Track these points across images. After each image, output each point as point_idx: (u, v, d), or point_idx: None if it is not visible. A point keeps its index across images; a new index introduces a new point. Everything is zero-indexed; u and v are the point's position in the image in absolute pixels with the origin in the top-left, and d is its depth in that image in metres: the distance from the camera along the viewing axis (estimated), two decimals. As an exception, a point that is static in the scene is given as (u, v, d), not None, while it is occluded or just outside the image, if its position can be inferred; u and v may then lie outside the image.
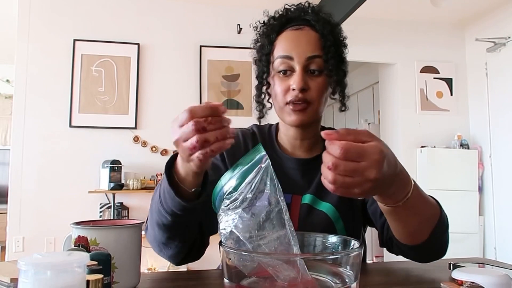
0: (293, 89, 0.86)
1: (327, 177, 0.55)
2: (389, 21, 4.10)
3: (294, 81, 0.85)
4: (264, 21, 0.96)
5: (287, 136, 0.97)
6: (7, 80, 5.33)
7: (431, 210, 0.74)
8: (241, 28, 3.72)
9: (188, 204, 0.67)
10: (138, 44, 3.58)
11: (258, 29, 0.96)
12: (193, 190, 0.69)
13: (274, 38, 0.91)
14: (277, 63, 0.88)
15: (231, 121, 0.60)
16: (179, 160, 0.67)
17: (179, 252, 0.79)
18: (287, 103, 0.88)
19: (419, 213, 0.71)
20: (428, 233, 0.74)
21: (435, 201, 0.77)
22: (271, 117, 1.01)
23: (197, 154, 0.59)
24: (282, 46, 0.89)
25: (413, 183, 0.65)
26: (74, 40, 3.46)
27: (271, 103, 0.97)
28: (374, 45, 4.03)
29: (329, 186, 0.55)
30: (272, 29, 0.92)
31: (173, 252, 0.79)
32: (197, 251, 0.83)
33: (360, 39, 3.90)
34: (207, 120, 0.58)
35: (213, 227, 0.87)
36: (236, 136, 0.97)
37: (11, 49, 3.65)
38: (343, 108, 0.97)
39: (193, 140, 0.58)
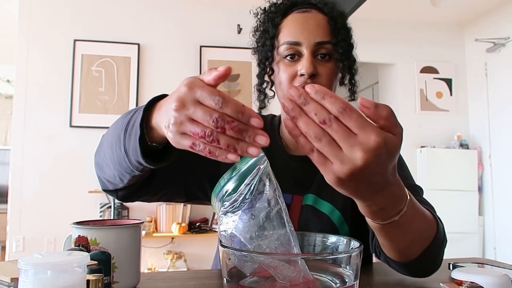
0: (301, 75, 0.79)
1: (308, 130, 0.46)
2: (389, 21, 4.10)
3: (303, 66, 0.79)
4: (265, 7, 0.89)
5: None
6: (7, 80, 5.33)
7: (427, 228, 0.66)
8: (241, 28, 3.72)
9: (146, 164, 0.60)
10: (138, 44, 3.58)
11: (259, 16, 0.90)
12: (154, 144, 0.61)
13: (279, 21, 0.84)
14: (283, 49, 0.82)
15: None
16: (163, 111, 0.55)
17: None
18: None
19: (412, 232, 0.62)
20: (420, 252, 0.66)
21: (433, 215, 0.69)
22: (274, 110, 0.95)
23: (198, 143, 0.47)
24: (289, 31, 0.82)
25: (408, 199, 0.57)
26: (74, 40, 3.46)
27: (273, 91, 0.91)
28: (374, 45, 4.02)
29: (304, 141, 0.48)
30: (276, 12, 0.85)
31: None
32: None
33: (360, 39, 3.85)
34: (232, 124, 0.46)
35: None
36: None
37: (11, 49, 3.65)
38: (352, 97, 0.90)
39: (208, 131, 0.46)
